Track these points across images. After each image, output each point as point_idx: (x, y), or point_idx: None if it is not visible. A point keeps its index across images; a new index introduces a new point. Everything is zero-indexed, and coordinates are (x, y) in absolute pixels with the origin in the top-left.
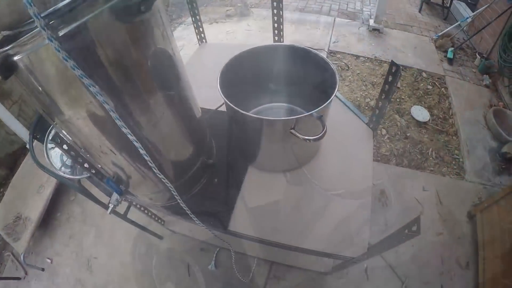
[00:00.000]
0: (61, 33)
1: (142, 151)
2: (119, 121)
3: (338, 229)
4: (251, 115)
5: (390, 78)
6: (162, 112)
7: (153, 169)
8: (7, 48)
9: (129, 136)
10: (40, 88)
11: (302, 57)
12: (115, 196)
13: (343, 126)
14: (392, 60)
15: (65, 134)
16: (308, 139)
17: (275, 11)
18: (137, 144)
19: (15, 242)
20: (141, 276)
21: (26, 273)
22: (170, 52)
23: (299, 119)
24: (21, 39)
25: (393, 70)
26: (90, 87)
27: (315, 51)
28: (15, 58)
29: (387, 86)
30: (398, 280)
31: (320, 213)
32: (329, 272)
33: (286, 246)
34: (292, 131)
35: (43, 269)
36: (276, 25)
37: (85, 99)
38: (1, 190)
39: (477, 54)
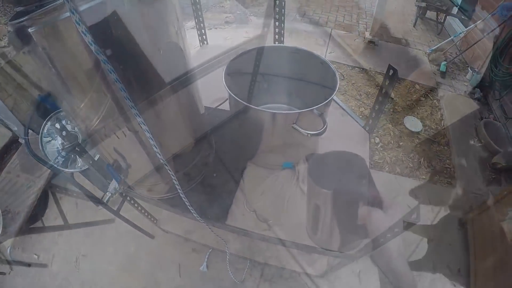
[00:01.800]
0: (82, 8)
1: (148, 134)
2: (129, 101)
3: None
4: (257, 108)
5: (387, 82)
6: (169, 100)
7: (158, 154)
8: (22, 19)
9: (137, 117)
10: (51, 65)
11: (304, 59)
12: (113, 184)
13: (341, 129)
14: (389, 64)
15: (67, 121)
16: (309, 134)
17: (276, 16)
18: (144, 127)
19: (2, 236)
20: (129, 276)
21: (11, 269)
22: (181, 45)
23: (302, 113)
24: (37, 11)
25: (390, 74)
26: (105, 63)
27: (318, 53)
28: (30, 30)
29: (384, 89)
30: (389, 285)
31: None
32: (322, 275)
33: (281, 241)
34: (294, 125)
35: (29, 265)
36: (277, 30)
37: (95, 79)
38: None
39: (469, 68)
